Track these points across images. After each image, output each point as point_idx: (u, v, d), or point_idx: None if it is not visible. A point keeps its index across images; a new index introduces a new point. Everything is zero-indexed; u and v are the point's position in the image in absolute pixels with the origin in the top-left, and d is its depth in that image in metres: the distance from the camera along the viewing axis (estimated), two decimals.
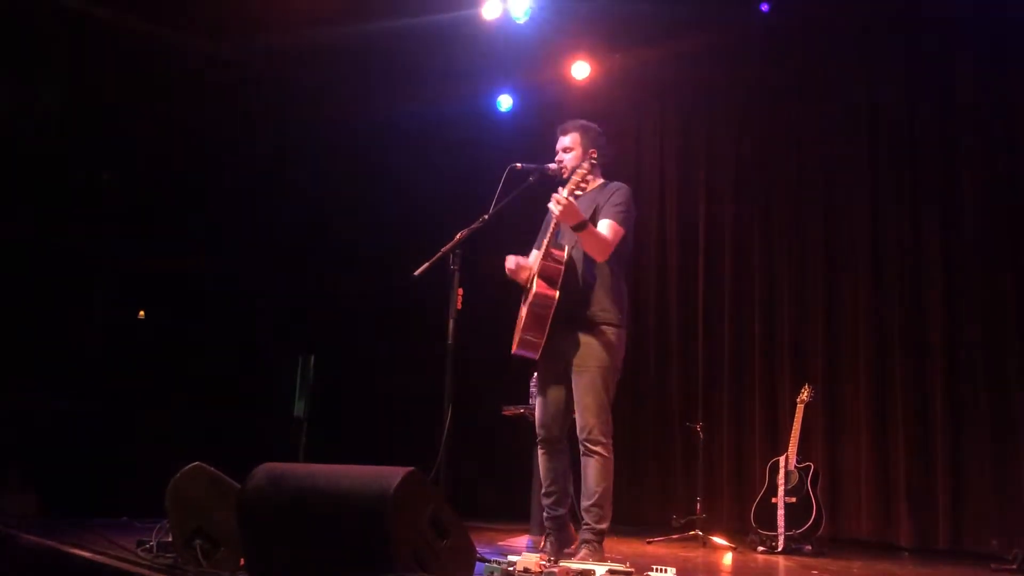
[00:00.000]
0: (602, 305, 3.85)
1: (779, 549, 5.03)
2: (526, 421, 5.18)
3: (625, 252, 3.95)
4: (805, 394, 5.40)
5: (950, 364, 5.42)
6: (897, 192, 5.81)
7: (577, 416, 3.85)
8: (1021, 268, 5.24)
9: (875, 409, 5.70)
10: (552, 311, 3.71)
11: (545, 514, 4.02)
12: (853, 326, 5.90)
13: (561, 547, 3.88)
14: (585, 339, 3.82)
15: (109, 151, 6.38)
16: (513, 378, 5.69)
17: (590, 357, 3.81)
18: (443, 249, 3.88)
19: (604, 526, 3.80)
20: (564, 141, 4.12)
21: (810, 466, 5.21)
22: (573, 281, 3.81)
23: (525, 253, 4.19)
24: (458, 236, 3.89)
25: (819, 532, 5.06)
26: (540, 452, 4.02)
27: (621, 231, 3.85)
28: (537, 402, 4.05)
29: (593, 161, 3.68)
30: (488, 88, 7.63)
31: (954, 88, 5.65)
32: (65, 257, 6.11)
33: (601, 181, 4.10)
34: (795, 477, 5.20)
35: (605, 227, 3.82)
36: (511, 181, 4.01)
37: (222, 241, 6.84)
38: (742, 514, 5.86)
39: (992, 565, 4.51)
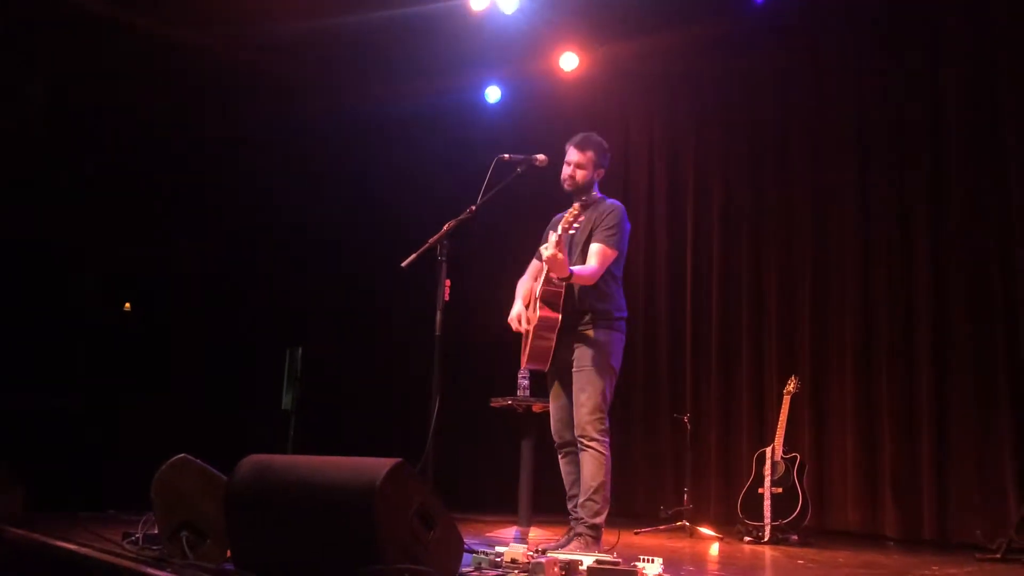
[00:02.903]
0: (596, 311, 4.02)
1: (765, 539, 5.06)
2: (514, 413, 5.18)
3: (619, 260, 4.10)
4: (791, 385, 5.42)
5: (935, 355, 5.44)
6: (886, 186, 5.82)
7: (573, 413, 3.98)
8: (1006, 262, 5.26)
9: (861, 400, 5.72)
10: (557, 331, 3.95)
11: (570, 516, 4.13)
12: (839, 317, 5.92)
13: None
14: (581, 342, 4.00)
15: (92, 144, 6.33)
16: (501, 370, 5.69)
17: (585, 357, 3.98)
18: (431, 240, 3.89)
19: (598, 521, 3.89)
20: (577, 156, 4.13)
21: (796, 457, 5.23)
22: (570, 297, 3.98)
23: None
24: (445, 227, 3.90)
25: (805, 522, 5.09)
26: (559, 458, 4.19)
27: (612, 254, 4.01)
28: (550, 406, 4.22)
29: (583, 200, 3.85)
30: (476, 80, 7.61)
31: (943, 84, 5.65)
32: (50, 251, 6.07)
33: (598, 197, 4.15)
34: (781, 468, 5.22)
35: (595, 252, 3.98)
36: (498, 172, 4.03)
37: (209, 233, 6.81)
38: (729, 505, 5.88)
39: (976, 555, 4.54)
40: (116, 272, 6.44)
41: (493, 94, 7.72)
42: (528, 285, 4.32)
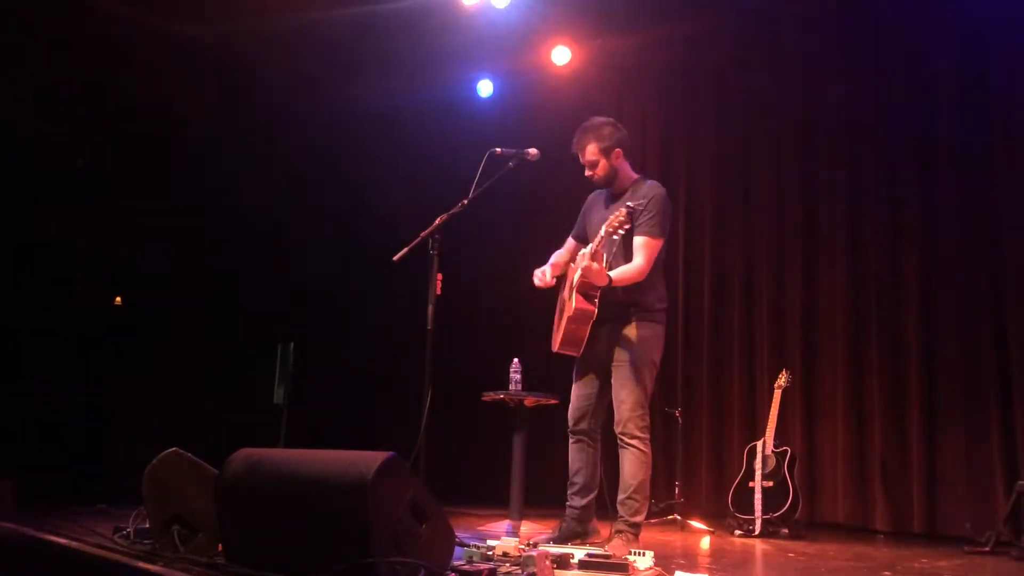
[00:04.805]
0: (638, 304, 3.92)
1: (756, 532, 5.07)
2: (506, 407, 5.19)
3: (663, 247, 3.98)
4: (782, 379, 5.44)
5: (925, 350, 5.47)
6: (875, 182, 5.84)
7: (614, 409, 3.93)
8: (995, 259, 5.28)
9: (851, 394, 5.75)
10: (591, 323, 3.81)
11: (567, 503, 4.10)
12: (830, 311, 5.94)
13: (572, 536, 3.90)
14: (623, 335, 3.91)
15: (84, 137, 6.30)
16: (493, 363, 5.69)
17: (627, 353, 3.90)
18: (423, 234, 3.89)
19: (639, 519, 3.89)
20: (584, 156, 4.04)
21: (787, 450, 5.25)
22: (609, 289, 3.82)
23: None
24: (438, 221, 3.90)
25: (796, 516, 5.11)
26: (570, 443, 4.11)
27: (659, 244, 3.89)
28: (573, 391, 4.12)
29: (629, 206, 3.63)
30: (468, 73, 7.59)
31: (932, 82, 5.66)
32: (40, 243, 6.04)
33: (636, 177, 4.10)
34: (772, 461, 5.24)
35: (641, 246, 3.85)
36: (491, 166, 4.02)
37: (201, 227, 6.78)
38: (720, 498, 5.90)
39: (965, 548, 4.57)
40: (107, 267, 6.40)
41: (485, 88, 7.70)
42: (564, 257, 4.20)
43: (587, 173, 4.07)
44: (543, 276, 4.10)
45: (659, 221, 3.88)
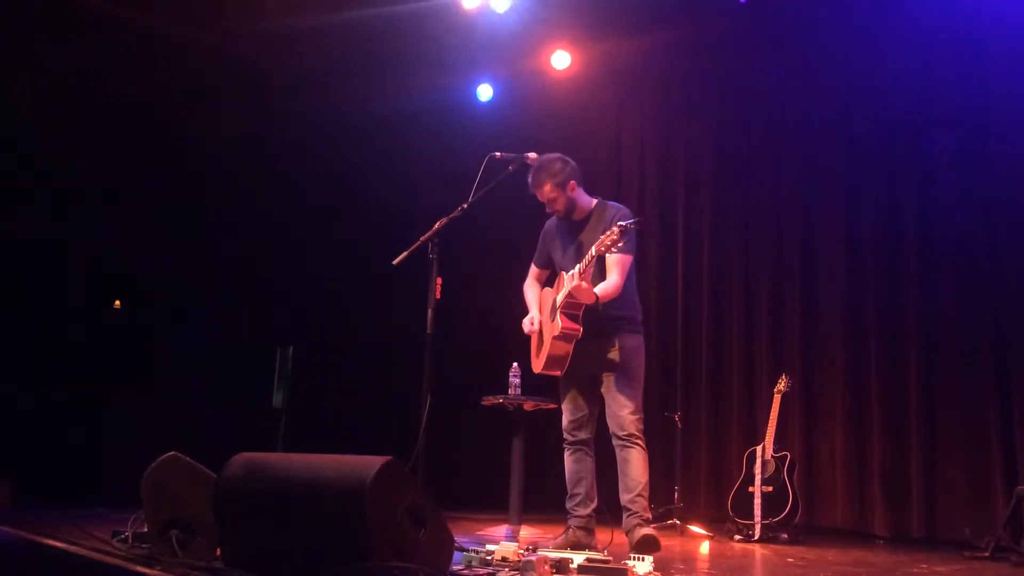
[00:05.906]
0: (620, 314, 4.06)
1: (756, 537, 5.07)
2: (505, 411, 5.18)
3: (632, 264, 4.13)
4: (782, 384, 5.44)
5: (925, 355, 5.47)
6: (874, 182, 5.85)
7: (611, 416, 4.04)
8: (995, 260, 5.29)
9: (851, 399, 5.75)
10: (576, 341, 3.93)
11: (571, 514, 4.17)
12: (830, 316, 5.94)
13: (580, 547, 3.92)
14: (610, 346, 4.04)
15: (82, 140, 6.30)
16: (492, 367, 5.68)
17: (618, 361, 4.03)
18: (422, 238, 3.90)
19: (650, 516, 4.04)
20: (542, 195, 4.13)
21: (787, 455, 5.24)
22: (592, 306, 3.94)
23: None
24: (437, 225, 3.92)
25: (795, 520, 5.10)
26: (567, 454, 4.22)
27: (629, 259, 4.03)
28: (564, 407, 4.23)
29: (621, 225, 3.63)
30: (468, 78, 7.60)
31: (929, 83, 5.67)
32: (40, 245, 6.04)
33: (594, 202, 4.17)
34: (772, 466, 5.24)
35: (615, 263, 3.98)
36: (490, 170, 4.04)
37: (201, 231, 6.78)
38: (719, 503, 5.89)
39: (965, 553, 4.56)
40: (107, 269, 6.40)
41: (485, 92, 7.70)
42: (538, 291, 4.35)
43: (548, 209, 4.20)
44: (532, 323, 4.24)
45: (628, 238, 3.96)
